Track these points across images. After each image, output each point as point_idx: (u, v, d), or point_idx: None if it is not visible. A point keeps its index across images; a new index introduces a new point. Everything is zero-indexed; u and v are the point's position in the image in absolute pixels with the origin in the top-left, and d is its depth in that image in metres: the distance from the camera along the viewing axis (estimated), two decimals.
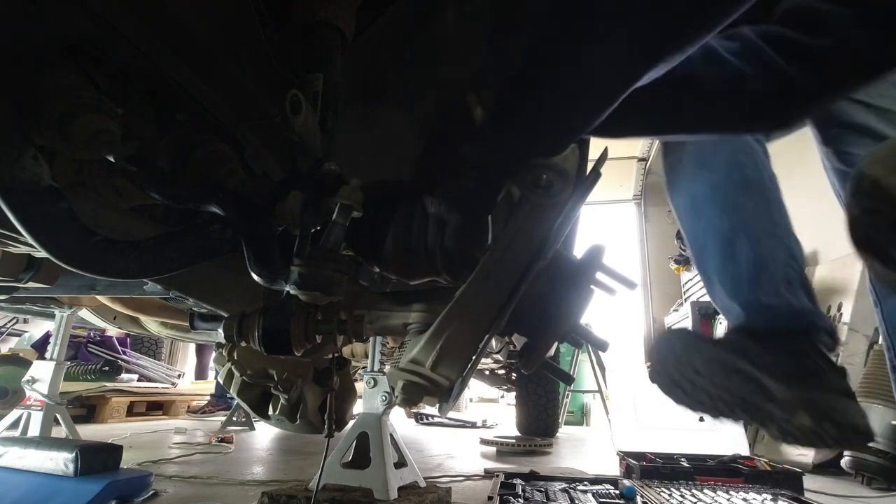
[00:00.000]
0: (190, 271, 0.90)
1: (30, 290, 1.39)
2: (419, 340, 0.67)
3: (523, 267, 0.65)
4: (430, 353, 0.65)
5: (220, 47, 0.81)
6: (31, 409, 2.41)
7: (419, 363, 0.67)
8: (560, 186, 0.65)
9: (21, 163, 0.59)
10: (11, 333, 4.51)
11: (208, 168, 0.88)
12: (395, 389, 0.72)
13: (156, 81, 0.81)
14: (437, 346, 0.65)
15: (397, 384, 0.71)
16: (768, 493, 1.98)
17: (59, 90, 0.64)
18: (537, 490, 1.91)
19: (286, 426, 1.04)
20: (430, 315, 0.72)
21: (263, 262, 0.69)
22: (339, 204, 0.67)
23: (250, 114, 0.93)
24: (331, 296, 0.66)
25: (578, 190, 0.66)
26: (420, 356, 0.66)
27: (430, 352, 0.65)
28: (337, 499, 1.61)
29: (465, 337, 0.65)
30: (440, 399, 0.69)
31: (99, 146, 0.66)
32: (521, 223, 0.66)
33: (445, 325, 0.65)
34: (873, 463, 2.41)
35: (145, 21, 0.73)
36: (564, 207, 0.66)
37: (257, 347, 0.65)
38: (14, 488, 1.70)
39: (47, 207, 0.61)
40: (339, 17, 0.92)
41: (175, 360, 5.84)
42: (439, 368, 0.66)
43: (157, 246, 0.71)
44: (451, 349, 0.66)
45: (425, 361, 0.66)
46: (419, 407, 4.81)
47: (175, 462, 2.54)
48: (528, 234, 0.66)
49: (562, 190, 0.65)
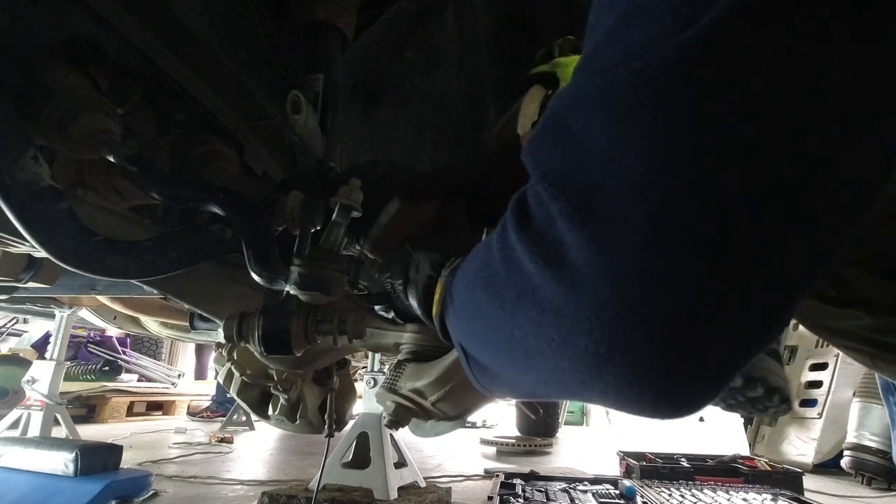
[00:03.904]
0: (185, 278, 0.90)
1: (30, 290, 1.39)
2: (423, 372, 0.67)
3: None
4: (437, 391, 0.66)
5: (220, 47, 0.81)
6: (31, 409, 2.41)
7: (422, 395, 0.67)
8: None
9: (21, 163, 0.59)
10: (11, 333, 4.51)
11: (208, 168, 0.88)
12: (384, 410, 0.72)
13: (156, 81, 0.81)
14: (446, 388, 0.65)
15: (387, 405, 0.71)
16: (768, 493, 1.98)
17: (59, 90, 0.64)
18: (537, 490, 1.91)
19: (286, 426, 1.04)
20: (424, 337, 0.72)
21: (263, 262, 0.68)
22: (339, 204, 0.67)
23: (250, 114, 0.93)
24: (331, 296, 0.66)
25: None
26: (426, 390, 0.66)
27: (436, 390, 0.66)
28: (337, 499, 1.61)
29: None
30: (426, 421, 0.71)
31: (99, 146, 0.66)
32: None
33: (458, 369, 0.65)
34: (873, 463, 2.41)
35: (145, 21, 0.73)
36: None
37: (257, 348, 0.65)
38: (14, 488, 1.70)
39: (47, 207, 0.61)
40: (339, 17, 0.92)
41: (175, 360, 5.83)
42: (440, 404, 0.67)
43: (156, 246, 0.71)
44: (460, 394, 0.66)
45: (429, 396, 0.66)
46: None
47: (175, 462, 2.54)
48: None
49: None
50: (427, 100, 1.19)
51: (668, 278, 0.26)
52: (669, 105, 0.25)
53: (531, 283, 0.32)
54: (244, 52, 0.86)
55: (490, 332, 0.39)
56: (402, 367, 0.71)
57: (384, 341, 0.75)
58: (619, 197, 0.27)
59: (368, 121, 1.17)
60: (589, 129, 0.28)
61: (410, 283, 0.62)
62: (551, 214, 0.30)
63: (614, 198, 0.27)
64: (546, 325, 0.31)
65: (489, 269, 0.37)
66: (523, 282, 0.32)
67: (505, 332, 0.36)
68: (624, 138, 0.26)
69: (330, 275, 0.65)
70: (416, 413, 0.70)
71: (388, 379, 0.71)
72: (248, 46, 0.87)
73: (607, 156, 0.27)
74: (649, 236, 0.26)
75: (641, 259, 0.27)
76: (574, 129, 0.29)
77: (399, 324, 0.73)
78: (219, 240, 0.76)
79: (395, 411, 0.70)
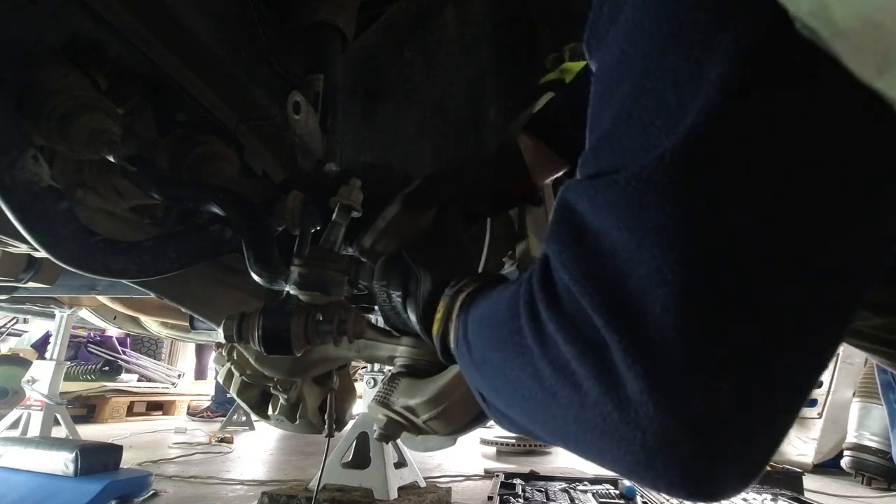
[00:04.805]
0: (183, 282, 0.90)
1: (30, 290, 1.39)
2: (417, 390, 0.67)
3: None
4: (430, 411, 0.65)
5: (221, 47, 0.81)
6: (31, 409, 2.41)
7: (414, 413, 0.67)
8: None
9: (21, 163, 0.59)
10: (11, 333, 4.51)
11: (208, 168, 0.88)
12: (375, 423, 0.72)
13: (156, 81, 0.81)
14: (439, 409, 0.65)
15: (378, 418, 0.71)
16: (768, 493, 1.98)
17: (59, 90, 0.64)
18: (537, 490, 1.91)
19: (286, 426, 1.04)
20: (419, 351, 0.71)
21: (263, 263, 0.68)
22: (339, 204, 0.67)
23: (250, 114, 0.93)
24: (331, 296, 0.66)
25: None
26: (419, 409, 0.66)
27: (429, 409, 0.65)
28: (337, 499, 1.61)
29: (470, 408, 0.65)
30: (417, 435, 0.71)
31: (99, 146, 0.66)
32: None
33: (453, 390, 0.65)
34: (873, 463, 2.41)
35: (145, 21, 0.73)
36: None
37: (257, 348, 0.65)
38: (14, 488, 1.70)
39: (47, 207, 0.61)
40: (339, 17, 0.92)
41: (175, 360, 5.82)
42: (432, 423, 0.66)
43: (156, 246, 0.71)
44: (453, 414, 0.66)
45: (421, 415, 0.66)
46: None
47: (175, 462, 2.54)
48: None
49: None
50: (427, 100, 1.19)
51: (702, 382, 0.28)
52: (666, 206, 0.28)
53: (570, 369, 0.32)
54: (244, 52, 0.86)
55: (521, 400, 0.39)
56: (395, 381, 0.70)
57: (378, 353, 0.75)
58: (643, 290, 0.28)
59: (368, 121, 1.17)
60: (602, 230, 0.30)
61: (410, 297, 0.61)
62: (581, 306, 0.31)
63: (640, 291, 0.28)
64: (590, 411, 0.31)
65: (518, 335, 0.37)
66: (563, 367, 0.33)
67: (539, 403, 0.36)
68: (634, 238, 0.29)
69: (330, 275, 0.65)
70: (407, 428, 0.70)
71: (382, 392, 0.70)
72: (248, 46, 0.87)
73: (623, 256, 0.29)
74: (677, 329, 0.28)
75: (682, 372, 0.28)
76: (587, 227, 0.31)
77: (395, 336, 0.73)
78: (219, 240, 0.76)
79: (386, 425, 0.70)
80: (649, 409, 0.28)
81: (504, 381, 0.41)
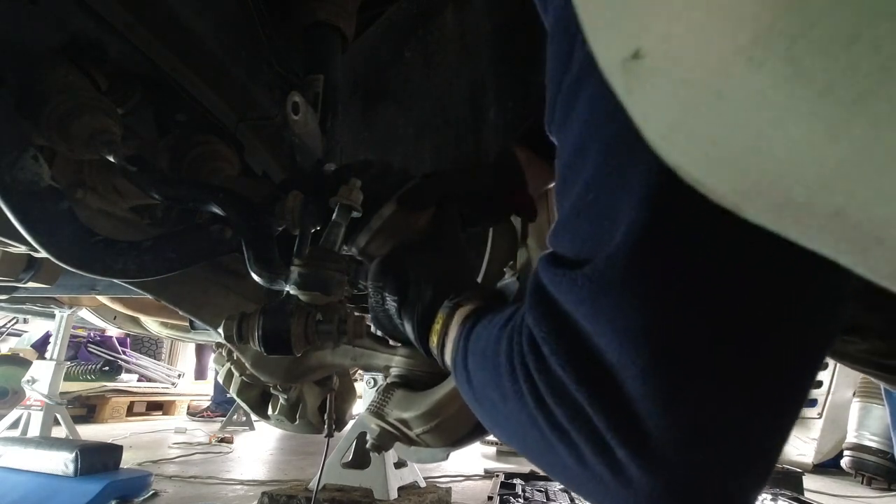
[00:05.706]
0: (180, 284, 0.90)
1: (30, 290, 1.39)
2: (412, 403, 0.67)
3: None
4: (423, 425, 0.65)
5: (221, 47, 0.81)
6: (31, 409, 2.42)
7: (408, 426, 0.67)
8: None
9: (21, 163, 0.59)
10: (11, 333, 4.51)
11: (208, 168, 0.88)
12: (369, 433, 0.72)
13: (156, 81, 0.81)
14: (432, 423, 0.65)
15: (371, 428, 0.71)
16: (768, 493, 1.98)
17: (59, 90, 0.64)
18: (537, 490, 1.91)
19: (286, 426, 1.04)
20: (415, 362, 0.71)
21: (263, 263, 0.68)
22: (339, 204, 0.67)
23: (250, 114, 0.93)
24: (331, 296, 0.66)
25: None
26: (412, 422, 0.66)
27: (423, 423, 0.65)
28: (337, 499, 1.61)
29: (464, 423, 0.65)
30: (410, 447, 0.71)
31: (99, 146, 0.66)
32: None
33: (447, 406, 0.65)
34: (873, 463, 2.41)
35: (145, 20, 0.73)
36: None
37: (257, 347, 0.65)
38: (14, 488, 1.70)
39: (47, 207, 0.61)
40: (339, 17, 0.92)
41: (175, 360, 5.83)
42: (425, 437, 0.66)
43: (156, 246, 0.71)
44: (446, 430, 0.66)
45: (415, 428, 0.66)
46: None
47: (175, 462, 2.54)
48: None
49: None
50: (427, 100, 1.19)
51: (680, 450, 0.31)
52: (613, 299, 0.30)
53: (565, 428, 0.34)
54: (244, 51, 0.86)
55: (520, 440, 0.41)
56: (390, 392, 0.70)
57: (374, 362, 0.75)
58: (614, 369, 0.31)
59: (368, 121, 1.17)
60: (572, 314, 0.33)
61: (407, 304, 0.60)
62: (563, 380, 0.33)
63: (612, 369, 0.31)
64: (588, 469, 0.34)
65: (517, 385, 0.38)
66: (559, 426, 0.34)
67: (539, 451, 0.38)
68: (598, 329, 0.31)
69: (330, 275, 0.65)
70: (400, 440, 0.70)
71: (376, 403, 0.70)
72: (248, 46, 0.87)
73: (592, 339, 0.32)
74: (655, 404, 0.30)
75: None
76: (559, 308, 0.34)
77: (391, 346, 0.73)
78: (219, 240, 0.76)
79: (379, 436, 0.70)
80: (638, 473, 0.31)
81: (504, 420, 0.42)
